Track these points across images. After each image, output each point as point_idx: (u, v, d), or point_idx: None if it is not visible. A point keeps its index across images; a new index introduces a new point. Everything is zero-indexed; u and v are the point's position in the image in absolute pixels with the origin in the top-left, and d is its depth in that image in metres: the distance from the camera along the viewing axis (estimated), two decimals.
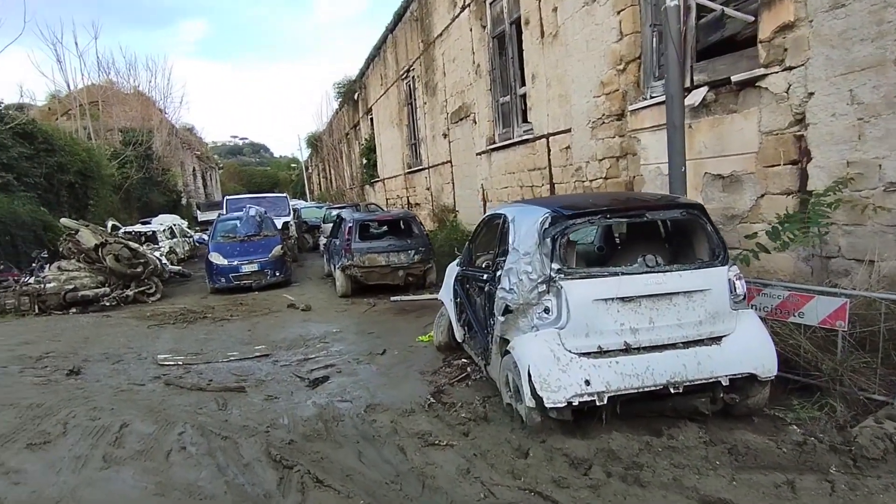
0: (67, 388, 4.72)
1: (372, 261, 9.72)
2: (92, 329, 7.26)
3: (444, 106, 13.47)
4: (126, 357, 5.91)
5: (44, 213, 15.31)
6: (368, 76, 22.17)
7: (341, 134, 30.68)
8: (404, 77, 16.96)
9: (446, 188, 14.12)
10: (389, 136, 19.78)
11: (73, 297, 9.29)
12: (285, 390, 5.04)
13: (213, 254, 11.38)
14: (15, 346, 5.96)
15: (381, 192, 22.40)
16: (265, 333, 7.42)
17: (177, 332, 7.29)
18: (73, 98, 25.74)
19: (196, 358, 6.00)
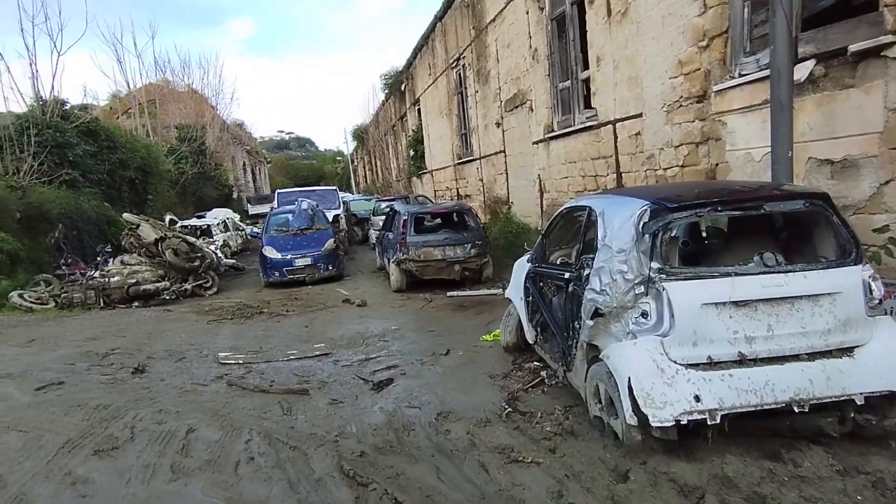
0: (133, 388, 4.62)
1: (427, 255, 9.44)
2: (154, 324, 7.27)
3: (498, 94, 13.01)
4: (188, 354, 5.83)
5: (107, 208, 15.81)
6: (416, 66, 21.88)
7: (388, 126, 30.60)
8: (454, 66, 16.57)
9: (499, 179, 13.69)
10: (438, 127, 19.46)
11: (135, 291, 9.43)
12: (349, 393, 4.81)
13: (266, 248, 11.38)
14: (82, 342, 5.99)
15: (428, 183, 22.15)
16: (322, 330, 7.25)
17: (235, 329, 7.21)
18: (132, 97, 26.64)
19: (256, 356, 5.86)
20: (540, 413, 4.11)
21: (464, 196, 17.35)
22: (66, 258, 13.06)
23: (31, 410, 3.97)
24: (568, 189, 10.11)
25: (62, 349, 5.69)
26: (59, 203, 13.23)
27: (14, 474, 3.09)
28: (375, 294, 9.81)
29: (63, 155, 14.52)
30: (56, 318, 7.70)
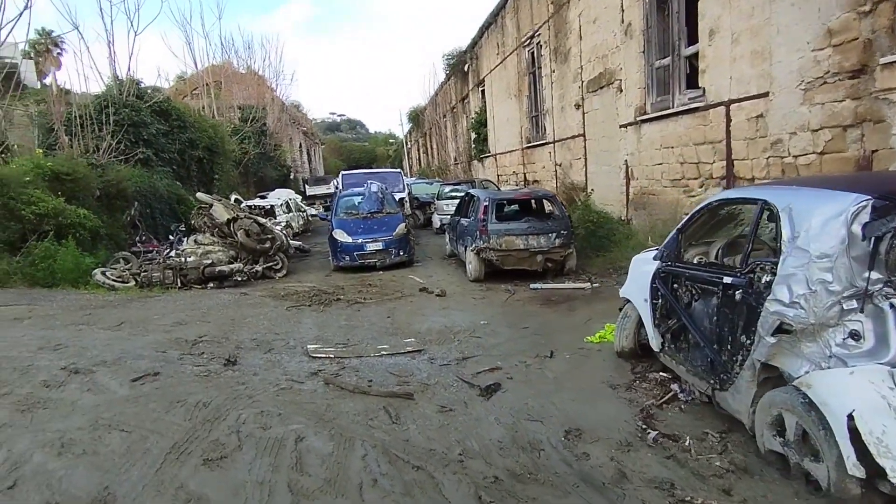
0: (228, 383, 4.32)
1: (509, 244, 8.89)
2: (235, 309, 7.06)
3: (579, 73, 12.19)
4: (276, 345, 5.53)
5: (178, 186, 16.02)
6: (482, 46, 21.11)
7: (447, 107, 29.99)
8: (527, 44, 15.76)
9: (576, 164, 12.92)
10: (505, 109, 18.72)
11: (210, 272, 9.33)
12: (457, 399, 4.35)
13: (336, 231, 11.10)
14: (170, 328, 5.79)
15: (491, 167, 21.49)
16: (406, 322, 6.85)
17: (316, 317, 6.91)
18: (199, 77, 27.10)
19: (346, 350, 5.50)
20: (688, 438, 3.53)
21: (532, 182, 16.64)
22: (141, 236, 13.27)
23: (130, 406, 3.70)
24: (661, 177, 9.31)
25: (151, 334, 5.49)
26: (135, 181, 13.41)
27: (122, 485, 2.78)
28: (451, 283, 9.35)
29: (138, 134, 14.71)
30: (139, 298, 7.62)
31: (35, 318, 5.74)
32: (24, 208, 9.21)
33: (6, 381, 3.92)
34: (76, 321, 5.75)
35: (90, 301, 6.96)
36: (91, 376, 4.15)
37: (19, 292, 7.08)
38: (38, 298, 6.76)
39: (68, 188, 10.88)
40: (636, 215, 10.28)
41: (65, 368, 4.24)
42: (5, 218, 9.01)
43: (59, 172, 10.87)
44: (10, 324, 5.45)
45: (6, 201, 9.09)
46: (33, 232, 9.29)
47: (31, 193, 9.48)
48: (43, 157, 10.81)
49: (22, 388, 3.82)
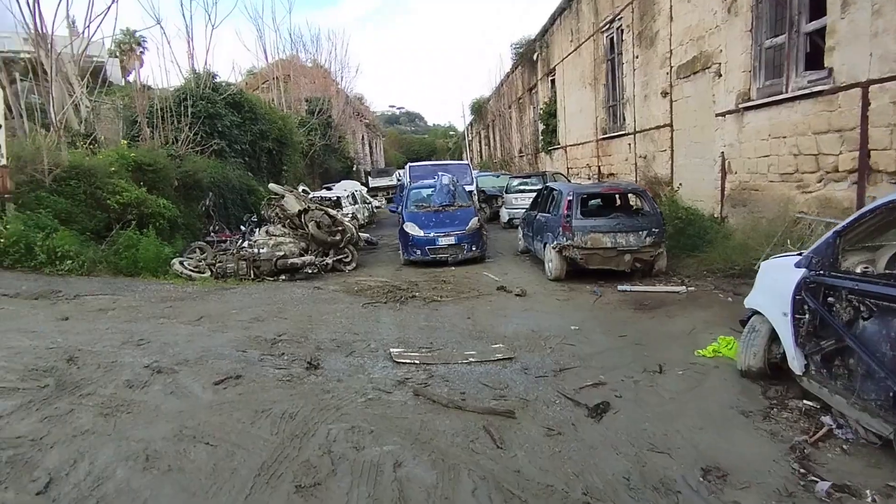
0: (313, 390, 3.99)
1: (595, 241, 8.24)
2: (310, 305, 6.82)
3: (667, 58, 11.26)
4: (357, 347, 5.19)
5: (249, 177, 16.26)
6: (553, 33, 20.24)
7: (512, 98, 29.21)
8: (605, 29, 14.84)
9: (660, 157, 12.00)
10: (577, 99, 17.84)
11: (282, 264, 9.21)
12: (563, 419, 3.84)
13: (408, 224, 10.77)
14: (248, 324, 5.58)
15: (560, 160, 20.64)
16: (489, 324, 6.37)
17: (394, 316, 6.55)
18: (269, 70, 27.66)
19: (431, 355, 5.09)
20: (870, 493, 2.87)
21: (607, 175, 15.75)
22: (215, 225, 13.49)
23: (214, 414, 3.42)
24: (768, 170, 8.35)
25: (231, 331, 5.29)
26: (210, 172, 13.63)
27: None
28: (529, 282, 8.80)
29: (213, 125, 14.96)
30: (216, 290, 7.55)
31: (119, 309, 5.69)
32: (110, 198, 9.40)
33: (90, 380, 3.75)
34: (158, 314, 5.65)
35: (170, 293, 6.92)
36: (174, 377, 3.92)
37: (104, 281, 7.14)
38: (121, 288, 6.77)
39: (149, 178, 11.11)
40: (734, 212, 9.34)
41: (148, 367, 4.04)
42: (92, 207, 9.22)
43: (141, 163, 11.12)
44: (95, 315, 5.40)
45: (93, 191, 9.30)
46: (117, 221, 9.49)
47: (116, 183, 9.68)
48: (126, 148, 11.06)
49: (105, 388, 3.63)
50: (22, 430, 3.02)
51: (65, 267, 7.10)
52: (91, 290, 6.43)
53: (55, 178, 8.94)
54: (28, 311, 5.34)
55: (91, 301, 5.92)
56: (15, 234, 6.96)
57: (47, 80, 10.29)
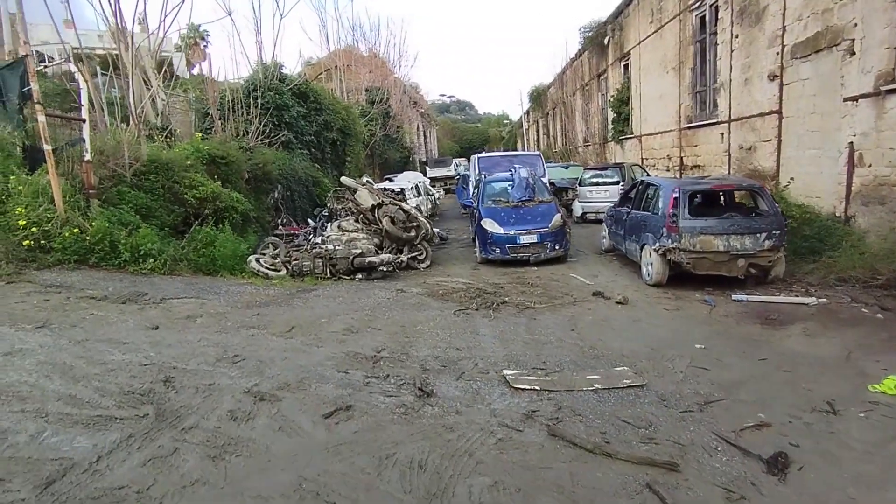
0: (434, 426, 3.46)
1: (706, 244, 7.37)
2: (399, 311, 6.32)
3: (778, 36, 10.07)
4: (464, 367, 4.64)
5: (315, 169, 16.04)
6: (628, 14, 18.98)
7: (576, 86, 27.96)
8: (695, 7, 13.62)
9: (763, 147, 10.83)
10: (656, 85, 16.63)
11: (360, 263, 8.78)
12: (736, 474, 3.16)
13: (486, 220, 10.14)
14: (342, 337, 5.12)
15: (632, 150, 19.46)
16: (597, 338, 5.69)
17: (492, 326, 5.96)
18: (330, 59, 27.54)
19: (550, 380, 4.46)
20: None
21: (691, 168, 14.59)
22: (283, 219, 13.32)
23: (333, 460, 2.94)
24: None
25: (325, 345, 4.84)
26: (278, 164, 13.43)
27: None
28: (626, 287, 8.02)
29: (280, 116, 14.76)
30: (297, 291, 7.17)
31: (206, 316, 5.36)
32: (186, 192, 9.22)
33: (191, 408, 3.35)
34: (246, 322, 5.28)
35: (253, 295, 6.57)
36: (278, 406, 3.48)
37: (186, 282, 6.90)
38: (204, 290, 6.48)
39: (223, 171, 10.95)
40: (865, 212, 8.19)
41: (248, 392, 3.62)
42: (169, 201, 9.06)
43: (214, 156, 10.97)
44: (184, 324, 5.08)
45: (171, 185, 9.15)
46: (194, 216, 9.32)
47: (192, 177, 9.51)
48: (200, 140, 10.93)
49: (208, 420, 3.21)
50: (125, 476, 2.62)
51: (147, 266, 6.90)
52: (175, 293, 6.16)
53: (135, 172, 8.82)
54: (117, 316, 5.08)
55: (178, 306, 5.63)
56: (100, 231, 6.79)
57: (126, 74, 10.21)
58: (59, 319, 4.76)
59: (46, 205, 6.76)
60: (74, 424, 3.03)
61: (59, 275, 6.22)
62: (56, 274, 6.24)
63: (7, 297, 5.29)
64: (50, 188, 6.87)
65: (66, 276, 6.17)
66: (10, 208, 6.66)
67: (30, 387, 3.45)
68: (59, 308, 5.08)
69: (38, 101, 6.69)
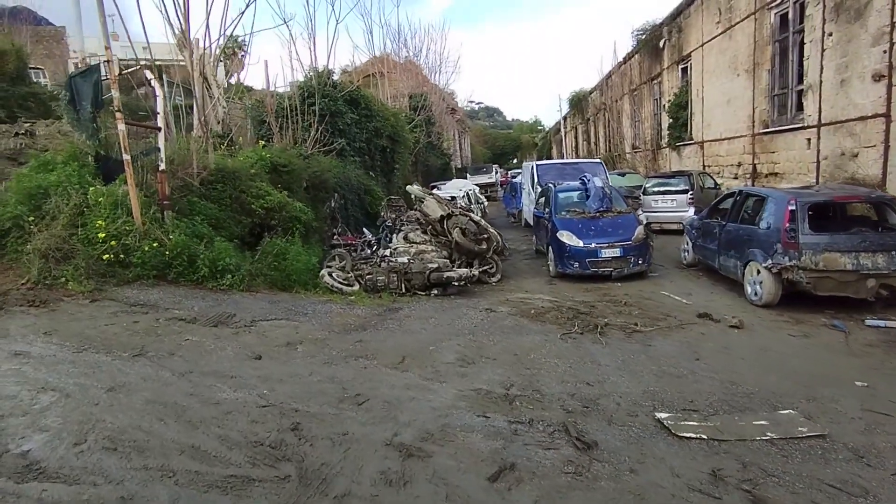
0: (622, 494, 2.90)
1: (830, 262, 6.62)
2: (500, 335, 5.76)
3: (886, 33, 9.24)
4: (606, 407, 4.06)
5: (368, 177, 15.68)
6: (689, 15, 18.18)
7: (624, 90, 27.13)
8: (774, 5, 12.80)
9: (866, 154, 9.97)
10: (724, 88, 15.79)
11: (437, 278, 8.27)
12: None
13: (563, 232, 9.52)
14: (460, 369, 4.56)
15: (692, 156, 18.59)
16: (730, 369, 5.04)
17: (609, 354, 5.35)
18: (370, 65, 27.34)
19: (710, 425, 3.85)
20: None
21: (766, 175, 13.71)
22: (339, 228, 12.95)
23: None
24: None
25: (447, 380, 4.30)
26: (334, 172, 13.08)
27: None
28: (728, 307, 7.33)
29: (334, 124, 14.44)
30: (382, 310, 6.68)
31: (306, 343, 4.90)
32: (254, 202, 8.89)
33: (333, 466, 2.86)
34: (351, 351, 4.79)
35: (343, 317, 6.09)
36: (431, 465, 2.96)
37: (268, 299, 6.48)
38: (289, 310, 6.04)
39: (284, 180, 10.62)
40: None
41: (391, 444, 3.11)
42: (237, 212, 8.73)
43: (276, 164, 10.65)
44: (287, 353, 4.61)
45: (238, 194, 8.82)
46: (260, 226, 8.98)
47: (259, 186, 9.18)
48: (262, 148, 10.63)
49: (360, 485, 2.72)
50: None
51: (225, 282, 6.51)
52: (263, 314, 5.73)
53: (201, 181, 8.52)
54: (213, 342, 4.65)
55: (271, 330, 5.19)
56: (179, 245, 6.44)
57: (191, 82, 9.99)
58: (154, 346, 4.36)
59: (125, 217, 6.44)
60: (209, 488, 2.56)
61: (141, 292, 5.86)
62: (137, 291, 5.88)
63: (95, 318, 4.93)
64: (127, 199, 6.56)
65: (148, 294, 5.82)
66: (89, 220, 6.35)
67: (146, 434, 3.01)
68: (151, 332, 4.69)
69: (118, 108, 6.38)
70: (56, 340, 4.31)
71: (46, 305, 5.14)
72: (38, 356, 4.00)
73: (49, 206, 6.40)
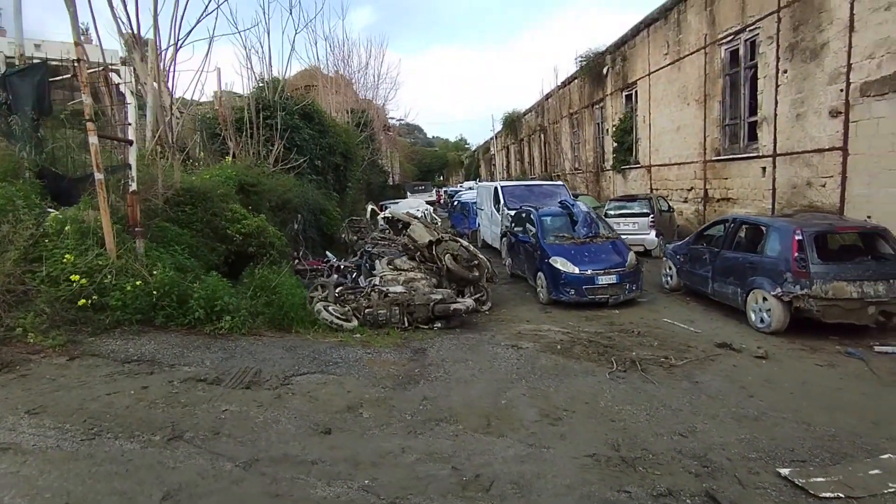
0: None
1: (839, 291, 6.85)
2: (552, 379, 5.27)
3: (841, 73, 9.97)
4: (720, 462, 3.73)
5: (331, 195, 14.77)
6: (635, 44, 19.02)
7: (562, 113, 27.97)
8: (727, 41, 13.58)
9: (824, 184, 10.65)
10: (673, 116, 16.56)
11: (442, 310, 7.70)
12: None
13: (556, 259, 9.30)
14: (552, 428, 4.03)
15: (638, 180, 19.34)
16: (787, 405, 4.97)
17: (672, 396, 5.07)
18: (305, 76, 26.20)
19: (836, 480, 3.61)
20: None
21: (720, 199, 14.43)
22: (302, 252, 11.99)
23: None
24: None
25: (551, 444, 3.75)
26: (295, 192, 12.12)
27: None
28: (736, 334, 7.42)
29: (291, 139, 13.48)
30: (413, 354, 5.98)
31: (367, 405, 4.07)
32: (229, 226, 7.90)
33: None
34: (424, 412, 4.05)
35: (380, 365, 5.30)
36: None
37: (278, 344, 5.55)
38: (315, 359, 5.15)
39: (253, 201, 9.62)
40: None
41: None
42: (209, 238, 7.69)
43: (244, 183, 9.63)
44: (353, 420, 3.78)
45: (209, 218, 7.78)
46: (236, 255, 7.98)
47: (233, 209, 8.18)
48: (229, 165, 9.56)
49: None
50: None
51: (224, 325, 5.53)
52: (288, 365, 4.85)
53: (168, 202, 7.42)
54: (258, 412, 3.76)
55: (314, 389, 4.35)
56: (166, 282, 5.40)
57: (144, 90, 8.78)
58: (188, 423, 3.45)
59: (97, 249, 5.32)
60: None
61: (127, 342, 4.81)
62: (122, 341, 4.82)
63: (87, 384, 3.89)
64: (97, 227, 5.45)
65: (138, 345, 4.78)
66: (49, 254, 5.18)
67: None
68: (173, 401, 3.75)
69: (90, 118, 5.29)
70: (51, 422, 3.30)
71: (12, 368, 4.02)
72: (36, 449, 3.00)
73: None
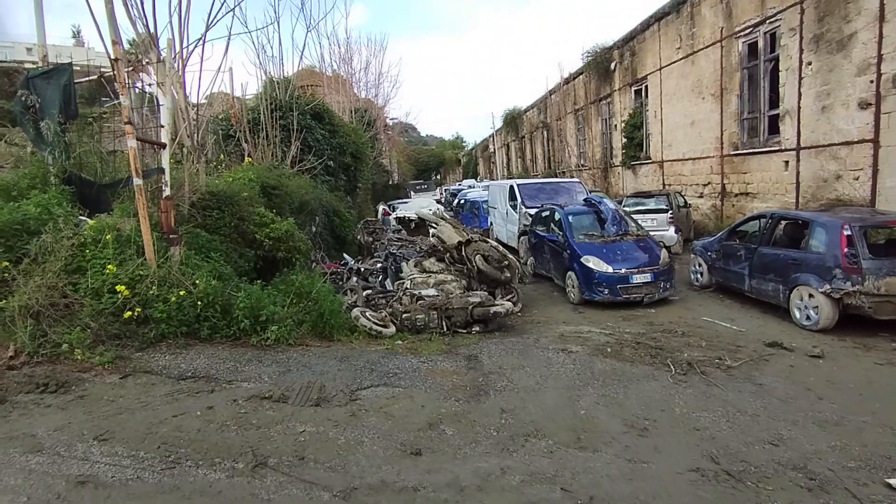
0: None
1: (892, 287, 6.68)
2: (615, 386, 5.08)
3: (872, 65, 9.81)
4: (823, 474, 3.56)
5: (336, 197, 14.52)
6: (644, 39, 18.84)
7: (566, 110, 27.79)
8: (745, 33, 13.41)
9: (853, 177, 10.51)
10: (687, 111, 16.40)
11: (481, 314, 7.48)
12: None
13: (587, 258, 9.11)
14: (642, 440, 3.80)
15: (650, 175, 19.18)
16: (862, 407, 4.80)
17: (740, 400, 4.89)
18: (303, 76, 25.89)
19: None
20: None
21: (738, 194, 14.28)
22: (321, 255, 11.76)
23: None
24: None
25: (648, 459, 3.54)
26: (314, 193, 11.87)
27: None
28: (781, 332, 7.24)
29: (305, 140, 13.22)
30: (467, 361, 5.75)
31: (447, 421, 3.84)
32: (258, 231, 7.65)
33: None
34: (507, 428, 3.84)
35: (436, 374, 5.10)
36: None
37: (330, 354, 5.34)
38: (374, 371, 4.90)
39: (275, 204, 9.36)
40: None
41: None
42: (238, 243, 7.45)
43: (267, 186, 9.37)
44: (439, 439, 3.56)
45: (237, 222, 7.53)
46: (264, 259, 7.74)
47: (260, 212, 7.93)
48: (251, 167, 9.30)
49: None
50: None
51: (270, 335, 5.31)
52: (349, 378, 4.61)
53: (195, 207, 7.17)
54: (336, 432, 3.54)
55: (385, 404, 4.12)
56: (211, 292, 5.16)
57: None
58: (267, 447, 3.22)
59: (138, 259, 5.08)
60: None
61: (176, 357, 4.58)
62: (171, 356, 4.59)
63: (149, 405, 3.65)
64: (137, 236, 5.20)
65: (188, 359, 4.55)
66: (89, 264, 4.92)
67: None
68: (243, 422, 3.52)
69: (127, 120, 5.04)
70: (123, 450, 3.06)
71: (68, 389, 3.78)
72: (116, 482, 2.77)
73: (34, 246, 4.89)
